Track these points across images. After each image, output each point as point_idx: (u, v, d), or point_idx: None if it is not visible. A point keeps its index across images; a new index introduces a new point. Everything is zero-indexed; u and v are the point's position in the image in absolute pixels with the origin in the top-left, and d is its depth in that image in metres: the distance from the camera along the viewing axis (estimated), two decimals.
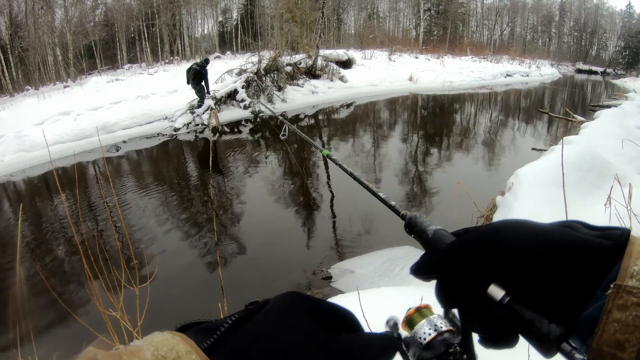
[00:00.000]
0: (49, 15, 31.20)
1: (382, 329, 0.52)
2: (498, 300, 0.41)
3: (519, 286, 0.41)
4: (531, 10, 63.49)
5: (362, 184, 0.79)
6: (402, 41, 45.12)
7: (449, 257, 0.47)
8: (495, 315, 0.42)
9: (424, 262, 0.50)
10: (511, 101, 22.57)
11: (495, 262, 0.42)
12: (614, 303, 0.36)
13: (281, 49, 18.74)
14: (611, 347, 0.36)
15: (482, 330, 0.44)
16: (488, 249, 0.43)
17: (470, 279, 0.44)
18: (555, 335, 0.38)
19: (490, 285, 0.42)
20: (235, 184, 8.43)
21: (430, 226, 0.57)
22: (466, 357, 0.47)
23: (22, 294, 4.33)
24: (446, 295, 0.47)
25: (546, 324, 0.39)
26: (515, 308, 0.41)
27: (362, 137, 12.69)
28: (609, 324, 0.36)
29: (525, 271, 0.41)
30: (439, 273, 0.48)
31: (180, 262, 5.39)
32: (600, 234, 0.41)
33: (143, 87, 15.95)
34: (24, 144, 10.64)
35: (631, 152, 5.99)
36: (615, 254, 0.38)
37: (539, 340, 0.39)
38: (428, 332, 0.49)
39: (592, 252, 0.39)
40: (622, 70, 56.27)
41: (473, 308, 0.44)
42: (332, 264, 5.12)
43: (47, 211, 7.63)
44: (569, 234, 0.42)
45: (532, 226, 0.44)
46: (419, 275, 0.50)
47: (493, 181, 7.98)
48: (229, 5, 48.22)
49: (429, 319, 0.51)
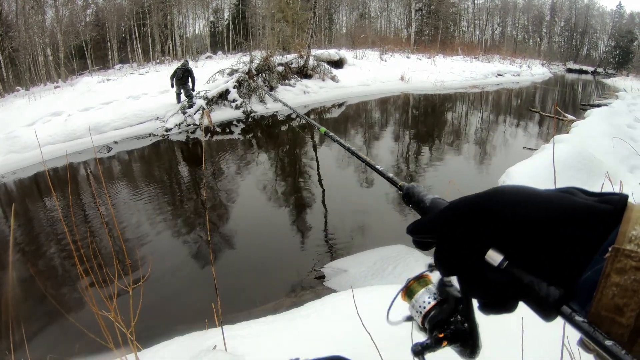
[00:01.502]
0: (39, 15, 30.88)
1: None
2: (496, 265, 0.41)
3: (517, 251, 0.41)
4: (522, 10, 63.76)
5: (360, 158, 0.79)
6: (393, 41, 45.14)
7: (446, 217, 0.47)
8: (494, 280, 0.42)
9: (421, 221, 0.50)
10: (502, 100, 22.68)
11: (493, 227, 0.43)
12: (613, 267, 0.36)
13: (273, 49, 18.71)
14: (610, 311, 0.36)
15: (481, 296, 0.45)
16: (486, 213, 0.43)
17: (468, 244, 0.44)
18: (555, 298, 0.38)
19: (489, 250, 0.42)
20: (227, 184, 8.41)
21: (427, 195, 0.57)
22: (467, 325, 0.48)
23: (15, 296, 4.30)
24: (444, 262, 0.47)
25: (545, 287, 0.39)
26: (513, 272, 0.41)
27: (353, 136, 12.70)
28: (607, 288, 0.36)
29: (524, 236, 0.41)
30: (434, 233, 0.48)
31: (174, 262, 5.38)
32: (598, 199, 0.42)
33: (134, 88, 15.83)
34: (14, 145, 10.54)
35: (622, 151, 6.05)
36: (614, 218, 0.38)
37: (538, 303, 0.39)
38: (427, 300, 0.49)
39: (591, 217, 0.39)
40: (613, 69, 56.67)
41: (472, 273, 0.44)
42: (325, 263, 5.13)
43: (39, 212, 7.57)
44: (568, 199, 0.42)
45: (530, 191, 0.44)
46: (415, 234, 0.50)
47: (485, 180, 8.03)
48: (220, 5, 47.98)
49: (427, 288, 0.51)
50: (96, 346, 2.46)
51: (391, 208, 6.91)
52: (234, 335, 2.84)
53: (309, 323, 2.97)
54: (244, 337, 2.87)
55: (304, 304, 3.45)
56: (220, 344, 2.69)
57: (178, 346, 2.93)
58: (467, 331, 0.49)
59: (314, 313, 3.11)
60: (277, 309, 4.02)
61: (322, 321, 2.95)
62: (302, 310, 3.25)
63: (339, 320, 2.84)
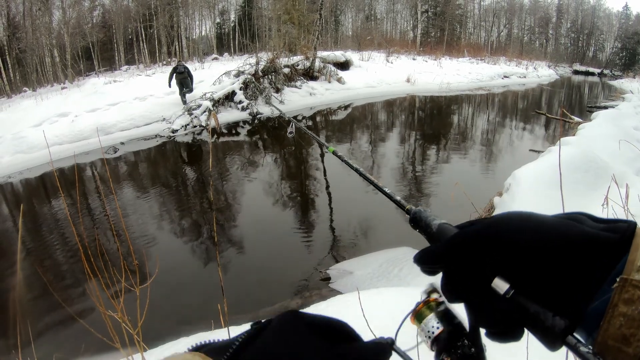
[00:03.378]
0: (46, 17, 31.07)
1: None
2: (502, 294, 0.41)
3: (523, 279, 0.41)
4: (528, 11, 63.51)
5: (368, 179, 0.80)
6: (399, 43, 45.10)
7: (452, 248, 0.47)
8: (500, 309, 0.42)
9: (428, 252, 0.50)
10: (508, 102, 22.59)
11: (499, 255, 0.42)
12: (620, 297, 0.35)
13: (279, 51, 18.73)
14: (617, 340, 0.35)
15: (487, 324, 0.45)
16: (492, 242, 0.43)
17: (474, 272, 0.44)
18: (560, 328, 0.38)
19: (495, 278, 0.42)
20: (234, 186, 8.43)
21: (434, 220, 0.57)
22: (474, 350, 0.48)
23: (22, 295, 4.33)
24: (451, 289, 0.47)
25: (550, 317, 0.39)
26: (519, 301, 0.41)
27: (359, 138, 12.70)
28: (614, 318, 0.36)
29: (530, 264, 0.41)
30: (441, 263, 0.48)
31: (180, 262, 5.40)
32: (606, 227, 0.41)
33: (141, 89, 15.89)
34: (21, 146, 10.62)
35: (628, 153, 6.00)
36: (622, 247, 0.38)
37: (543, 333, 0.39)
38: (436, 325, 0.50)
39: (598, 246, 0.39)
40: (619, 71, 56.26)
41: (478, 301, 0.44)
42: (330, 265, 5.13)
43: (46, 212, 7.62)
44: (575, 227, 0.41)
45: (536, 219, 0.44)
46: (422, 264, 0.50)
47: (491, 182, 8.00)
48: (226, 6, 48.09)
49: (437, 312, 0.52)
50: (102, 346, 2.47)
51: (397, 210, 6.87)
52: None
53: None
54: None
55: (309, 305, 3.45)
56: None
57: (184, 346, 2.92)
58: (473, 356, 0.49)
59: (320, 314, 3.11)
60: (282, 310, 4.02)
61: None
62: (308, 312, 3.25)
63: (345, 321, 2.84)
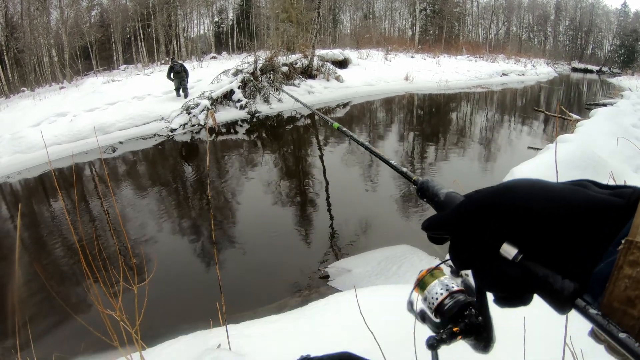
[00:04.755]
0: (44, 16, 31.04)
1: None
2: (511, 259, 0.41)
3: (531, 244, 0.42)
4: (527, 9, 63.53)
5: (374, 152, 0.80)
6: (398, 41, 45.12)
7: (461, 214, 0.47)
8: (509, 274, 0.42)
9: (436, 218, 0.50)
10: (507, 100, 22.59)
11: (507, 221, 0.43)
12: (625, 259, 0.36)
13: (277, 49, 18.73)
14: (622, 303, 0.36)
15: (496, 290, 0.45)
16: (500, 208, 0.44)
17: (482, 238, 0.44)
18: (569, 291, 0.38)
19: (503, 244, 0.42)
20: (232, 184, 8.43)
21: (442, 189, 0.57)
22: (481, 318, 0.48)
23: (21, 295, 4.33)
24: (459, 256, 0.47)
25: (560, 280, 0.39)
26: (528, 265, 0.41)
27: (358, 136, 12.63)
28: (619, 280, 0.36)
29: (538, 229, 0.41)
30: (449, 228, 0.48)
31: (179, 261, 5.40)
32: (612, 192, 0.42)
33: (139, 88, 15.90)
34: (20, 146, 10.61)
35: (626, 150, 6.02)
36: (627, 211, 0.39)
37: (553, 296, 0.39)
38: (440, 292, 0.50)
39: (605, 210, 0.40)
40: (618, 68, 56.32)
41: (486, 267, 0.44)
42: (329, 263, 5.13)
43: (44, 212, 7.62)
44: (582, 193, 0.42)
45: (544, 185, 0.44)
46: (430, 230, 0.50)
47: (489, 179, 8.00)
48: (224, 5, 48.08)
49: (440, 280, 0.52)
50: (101, 345, 2.48)
51: (395, 208, 6.90)
52: (238, 335, 2.85)
53: (313, 322, 2.98)
54: (248, 336, 2.88)
55: (308, 304, 3.45)
56: (224, 343, 2.70)
57: (182, 345, 2.94)
58: (481, 325, 0.49)
59: (318, 312, 3.12)
60: (281, 308, 4.03)
61: (326, 320, 2.96)
62: (307, 310, 3.26)
63: (343, 319, 2.85)
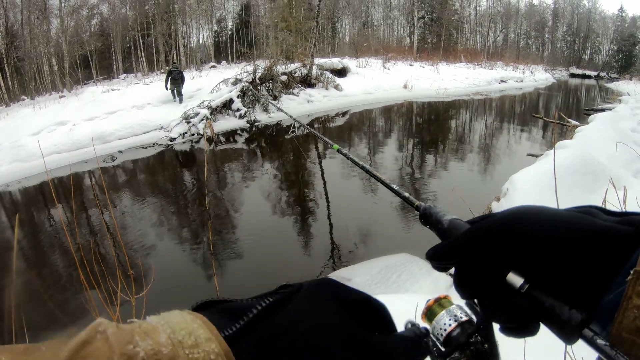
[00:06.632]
0: (44, 25, 31.16)
1: None
2: (517, 288, 0.41)
3: (538, 273, 0.41)
4: (524, 16, 63.82)
5: (375, 176, 0.79)
6: (396, 49, 45.30)
7: (465, 242, 0.46)
8: (515, 304, 0.41)
9: (440, 247, 0.49)
10: (506, 107, 22.66)
11: (514, 249, 0.42)
12: (634, 289, 0.35)
13: (276, 58, 18.80)
14: (631, 333, 0.35)
15: (502, 320, 0.44)
16: (506, 236, 0.43)
17: (488, 266, 0.43)
18: (577, 321, 0.37)
19: (509, 272, 0.42)
20: (232, 193, 8.42)
21: (445, 216, 0.55)
22: (487, 346, 0.47)
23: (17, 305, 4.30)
24: (465, 285, 0.46)
25: (567, 310, 0.38)
26: (535, 295, 0.40)
27: (357, 145, 12.71)
28: (628, 310, 0.35)
29: (544, 258, 0.41)
30: (454, 259, 0.47)
31: (177, 272, 5.38)
32: (619, 220, 0.41)
33: (139, 97, 15.92)
34: (19, 154, 10.62)
35: (625, 155, 6.01)
36: (636, 239, 0.38)
37: (560, 327, 0.39)
38: (448, 322, 0.49)
39: (612, 239, 0.39)
40: (616, 73, 56.59)
41: (492, 297, 0.43)
42: (329, 272, 5.12)
43: (43, 222, 7.60)
44: (588, 220, 0.41)
45: (550, 212, 0.43)
46: (435, 260, 0.49)
47: (488, 187, 8.00)
48: (224, 15, 48.28)
49: (448, 310, 0.51)
50: None
51: (395, 217, 6.89)
52: None
53: None
54: None
55: None
56: None
57: None
58: (487, 352, 0.48)
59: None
60: None
61: None
62: None
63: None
